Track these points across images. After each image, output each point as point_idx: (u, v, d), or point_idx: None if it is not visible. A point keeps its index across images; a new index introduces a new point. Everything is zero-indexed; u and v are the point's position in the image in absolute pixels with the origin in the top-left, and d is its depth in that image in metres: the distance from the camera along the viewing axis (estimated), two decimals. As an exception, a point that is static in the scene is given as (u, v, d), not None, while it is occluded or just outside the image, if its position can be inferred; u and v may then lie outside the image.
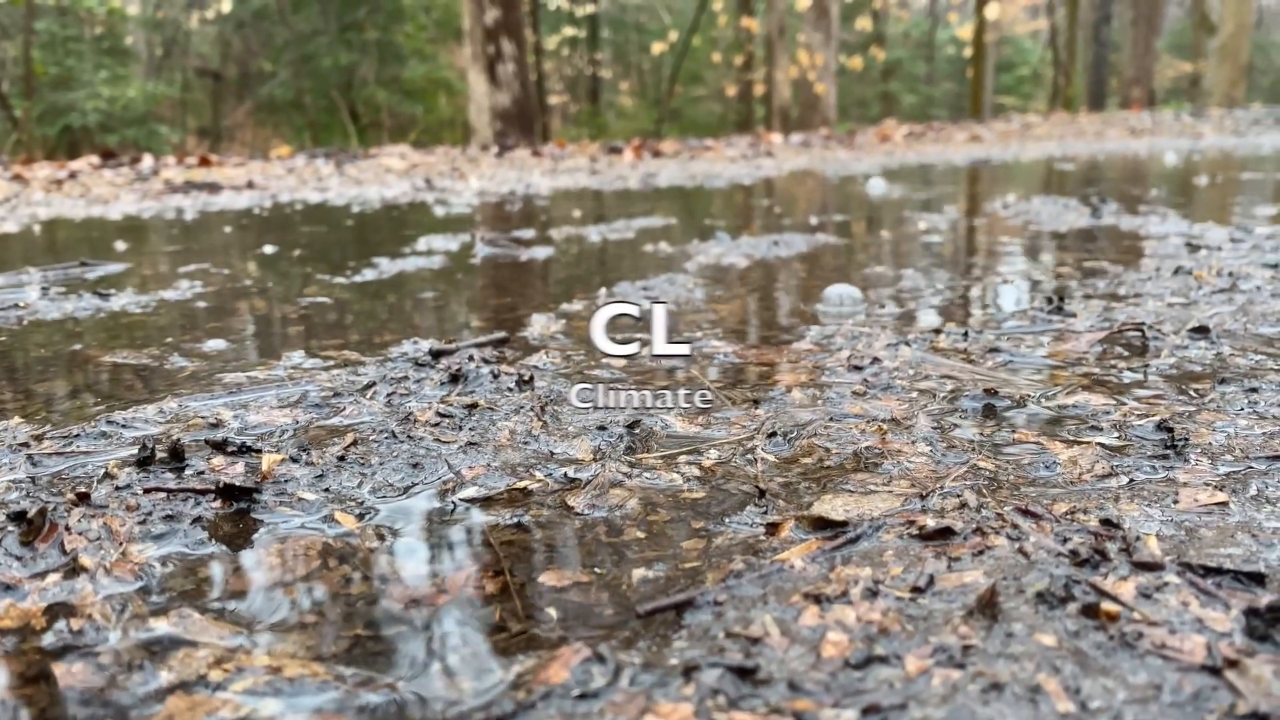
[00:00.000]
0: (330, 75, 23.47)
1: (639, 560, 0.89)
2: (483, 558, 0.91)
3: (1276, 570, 0.79)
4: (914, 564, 0.82)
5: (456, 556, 0.91)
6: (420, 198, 5.09)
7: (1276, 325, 1.68)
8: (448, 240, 3.21)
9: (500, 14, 14.60)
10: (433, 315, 2.04)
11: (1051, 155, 7.31)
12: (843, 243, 2.97)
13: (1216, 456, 1.07)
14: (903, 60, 27.76)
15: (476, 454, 1.15)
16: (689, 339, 1.74)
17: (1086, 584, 0.76)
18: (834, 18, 19.12)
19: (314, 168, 7.54)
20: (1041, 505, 0.94)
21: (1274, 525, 0.89)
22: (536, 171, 6.68)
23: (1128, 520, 0.91)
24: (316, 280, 2.53)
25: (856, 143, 9.17)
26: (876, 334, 1.68)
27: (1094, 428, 1.19)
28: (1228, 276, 2.09)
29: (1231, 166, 5.92)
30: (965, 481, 1.02)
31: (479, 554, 0.91)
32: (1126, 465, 1.06)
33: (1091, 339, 1.61)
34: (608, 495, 1.03)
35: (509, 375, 1.44)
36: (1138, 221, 3.18)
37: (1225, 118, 11.78)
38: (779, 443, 1.17)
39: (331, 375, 1.53)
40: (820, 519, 0.92)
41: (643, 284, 2.26)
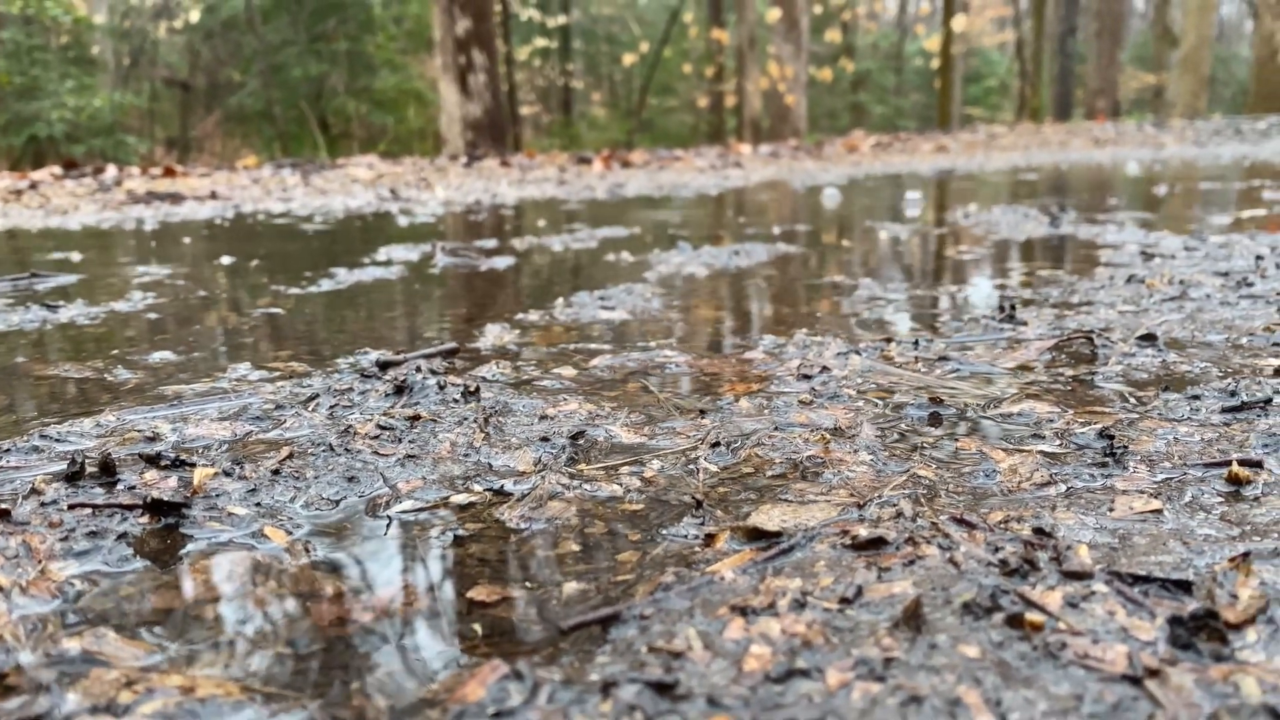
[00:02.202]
0: (300, 85, 23.37)
1: (572, 574, 0.87)
2: (412, 573, 0.89)
3: (1204, 578, 0.79)
4: (844, 574, 0.81)
5: (385, 572, 0.90)
6: (385, 208, 5.06)
7: (1223, 333, 1.70)
8: (409, 250, 3.18)
9: (471, 25, 14.60)
10: (386, 326, 2.02)
11: (1016, 165, 7.38)
12: (803, 252, 2.97)
13: (1155, 464, 1.08)
14: (872, 72, 28.00)
15: (415, 467, 1.13)
16: (643, 348, 1.74)
17: (1014, 594, 0.75)
18: (804, 30, 19.26)
19: (280, 178, 7.48)
20: (977, 514, 0.94)
21: (1206, 532, 0.89)
22: (504, 181, 6.66)
23: (1062, 529, 0.90)
24: (271, 291, 2.50)
25: (824, 153, 9.22)
26: (828, 343, 1.68)
27: (1036, 436, 1.19)
28: (1179, 285, 2.11)
29: (1191, 176, 6.01)
30: (903, 490, 1.02)
31: (408, 569, 0.90)
32: (1066, 473, 1.06)
33: (1040, 347, 1.62)
34: (545, 508, 1.02)
35: (455, 386, 1.42)
36: (1095, 230, 3.21)
37: (1187, 128, 11.95)
38: (722, 452, 1.16)
39: (276, 387, 1.51)
40: (755, 530, 0.91)
41: (601, 294, 2.25)
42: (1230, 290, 2.06)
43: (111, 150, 20.75)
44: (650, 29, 26.83)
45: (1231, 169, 6.54)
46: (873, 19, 29.06)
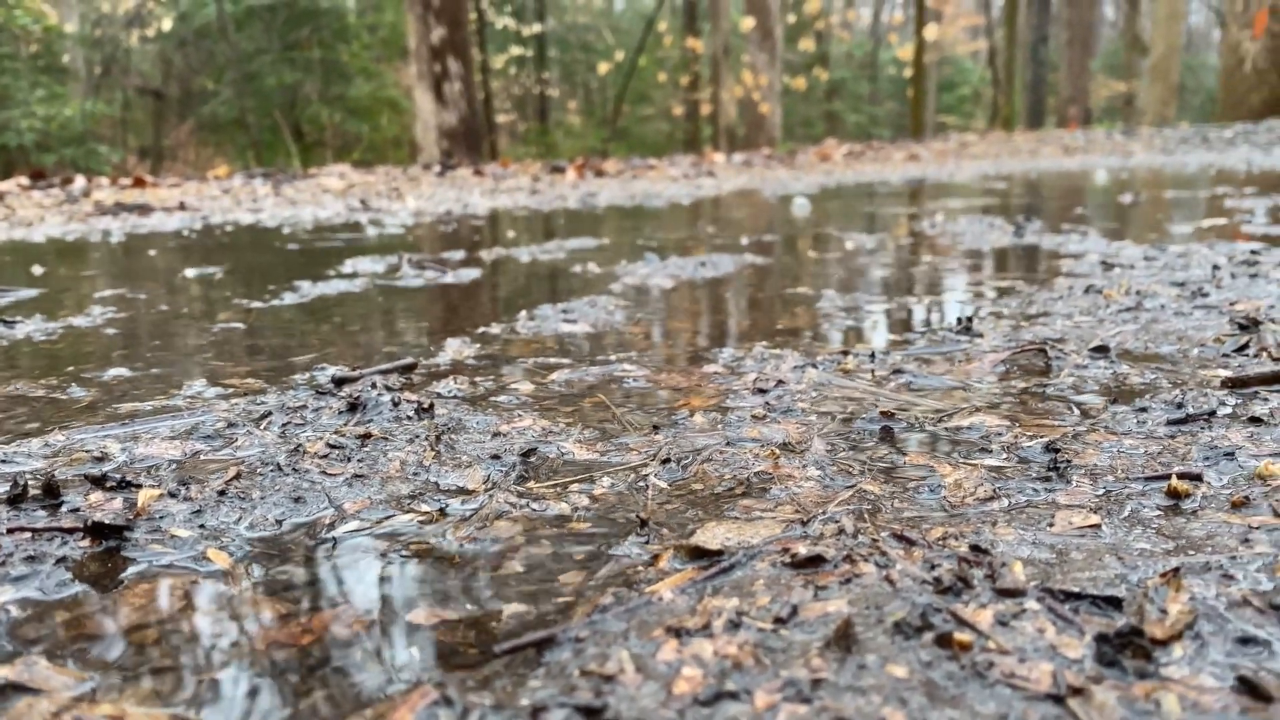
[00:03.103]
0: (274, 94, 23.26)
1: (514, 595, 0.87)
2: (353, 596, 0.89)
3: (1136, 594, 0.80)
4: (782, 593, 0.81)
5: (327, 594, 0.89)
6: (354, 218, 5.04)
7: (1175, 344, 1.72)
8: (375, 262, 3.17)
9: (446, 33, 14.59)
10: (347, 340, 2.01)
11: (986, 174, 7.45)
12: (769, 263, 2.98)
13: (1098, 478, 1.09)
14: (846, 80, 28.18)
15: (362, 487, 1.12)
16: (603, 362, 1.74)
17: (947, 612, 0.76)
18: (778, 39, 19.39)
19: (250, 188, 7.43)
20: (919, 530, 0.95)
21: (1142, 547, 0.90)
22: (476, 191, 6.65)
23: (1002, 545, 0.91)
24: (233, 305, 2.49)
25: (797, 162, 9.26)
26: (785, 356, 1.69)
27: (984, 450, 1.20)
28: (1135, 295, 2.14)
29: (1157, 185, 6.08)
30: (848, 506, 1.02)
31: (350, 592, 0.89)
32: (1010, 488, 1.07)
33: (995, 359, 1.63)
34: (491, 527, 1.02)
35: (410, 403, 1.42)
36: (1059, 240, 3.24)
37: (1155, 136, 12.11)
38: (673, 469, 1.16)
39: (231, 404, 1.50)
40: (697, 548, 0.91)
41: (564, 307, 2.25)
42: (1185, 300, 2.09)
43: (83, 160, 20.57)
44: (626, 37, 26.90)
45: (1197, 177, 6.62)
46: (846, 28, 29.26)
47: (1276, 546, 0.89)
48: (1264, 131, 11.61)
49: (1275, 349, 1.60)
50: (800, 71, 24.26)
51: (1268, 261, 2.56)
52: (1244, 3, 17.56)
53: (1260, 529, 0.93)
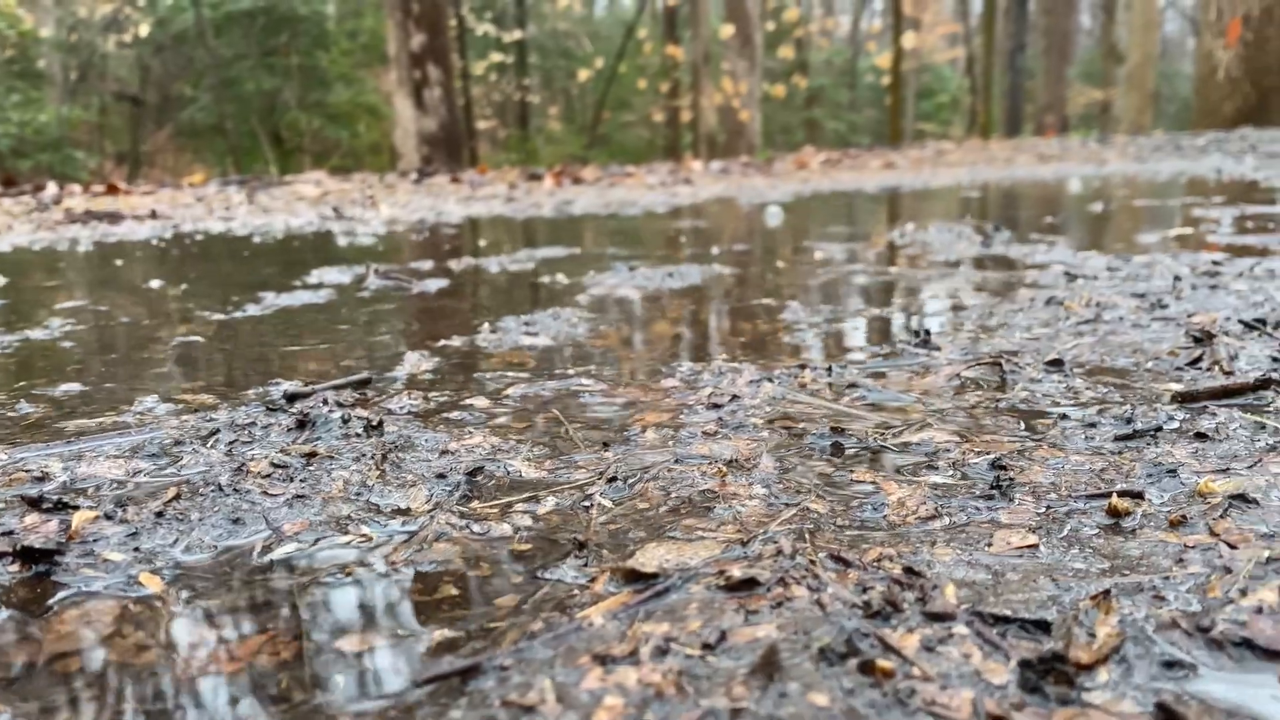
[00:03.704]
0: (253, 100, 23.16)
1: (447, 620, 0.86)
2: (283, 621, 0.87)
3: (1066, 616, 0.80)
4: (713, 618, 0.81)
5: (256, 620, 0.88)
6: (327, 227, 5.01)
7: (1131, 356, 1.73)
8: (342, 272, 3.16)
9: (426, 39, 14.56)
10: (305, 354, 2.00)
11: (960, 182, 7.49)
12: (738, 273, 2.99)
13: (1041, 495, 1.09)
14: (826, 87, 28.32)
15: (303, 507, 1.11)
16: (561, 376, 1.73)
17: (874, 637, 0.76)
18: (757, 45, 19.45)
19: (225, 196, 7.38)
20: (857, 551, 0.94)
21: (1078, 567, 0.90)
22: (452, 199, 6.63)
23: (938, 566, 0.91)
24: (195, 317, 2.47)
25: (774, 170, 9.29)
26: (743, 370, 1.68)
27: (931, 466, 1.20)
28: (1095, 307, 2.15)
29: (1128, 193, 6.13)
30: (790, 526, 1.02)
31: (279, 616, 0.88)
32: (952, 506, 1.07)
33: (950, 373, 1.63)
34: (430, 550, 1.01)
35: (360, 420, 1.40)
36: (1026, 250, 3.26)
37: (1129, 144, 12.22)
38: (619, 488, 1.16)
39: (181, 421, 1.48)
40: (633, 572, 0.90)
41: (527, 319, 2.24)
42: (1145, 312, 2.10)
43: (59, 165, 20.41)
44: (606, 44, 26.93)
45: (1168, 185, 6.68)
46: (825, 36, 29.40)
47: (1209, 566, 0.89)
48: (1236, 140, 11.73)
49: (1227, 362, 1.61)
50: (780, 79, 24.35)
51: (1228, 272, 2.58)
52: (1217, 12, 17.75)
53: (1195, 548, 0.93)
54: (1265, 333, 1.82)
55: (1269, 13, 17.10)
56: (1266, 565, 0.88)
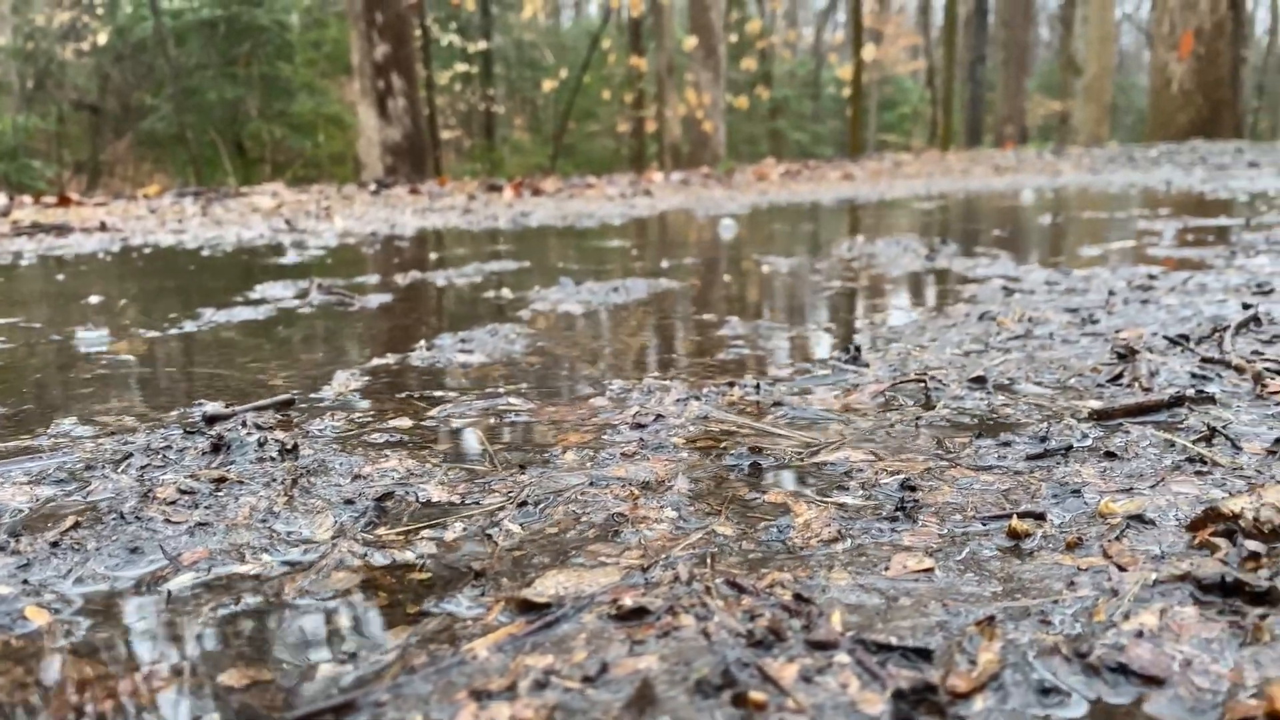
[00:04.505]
0: (215, 109, 22.94)
1: (335, 654, 0.85)
2: (169, 654, 0.86)
3: (950, 643, 0.80)
4: (599, 649, 0.80)
5: (142, 653, 0.86)
6: (278, 239, 4.96)
7: (1056, 372, 1.75)
8: (286, 288, 3.12)
9: (390, 49, 14.50)
10: (235, 373, 1.97)
11: (916, 194, 7.56)
12: (683, 288, 2.99)
13: (946, 517, 1.09)
14: (789, 99, 28.53)
15: (205, 535, 1.09)
16: (491, 394, 1.72)
17: (754, 667, 0.76)
18: (721, 57, 19.55)
19: (179, 208, 7.30)
20: (756, 575, 0.94)
21: (971, 591, 0.91)
22: (409, 211, 6.59)
23: (832, 590, 0.91)
24: (129, 334, 2.43)
25: (734, 181, 9.33)
26: (671, 388, 1.68)
27: (842, 487, 1.20)
28: (1027, 322, 2.17)
29: (1079, 205, 6.22)
30: (694, 550, 1.02)
31: (166, 650, 0.87)
32: (856, 528, 1.07)
33: (874, 390, 1.64)
34: (330, 579, 0.99)
35: (276, 443, 1.39)
36: (969, 264, 3.29)
37: (1084, 156, 12.40)
38: (529, 512, 1.15)
39: (97, 445, 1.46)
40: (525, 601, 0.90)
41: (464, 335, 2.22)
42: (1075, 327, 2.13)
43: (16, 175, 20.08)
44: (572, 55, 26.96)
45: (1118, 198, 6.79)
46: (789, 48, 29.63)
47: (1098, 589, 0.90)
48: (1187, 151, 11.95)
49: (1146, 379, 1.63)
50: (744, 90, 24.50)
51: (1162, 287, 2.63)
52: (1170, 26, 18.10)
53: (1087, 571, 0.94)
54: (1187, 348, 1.85)
55: (1220, 27, 17.46)
56: (1153, 588, 0.89)
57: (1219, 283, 2.69)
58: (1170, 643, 0.80)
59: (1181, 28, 17.68)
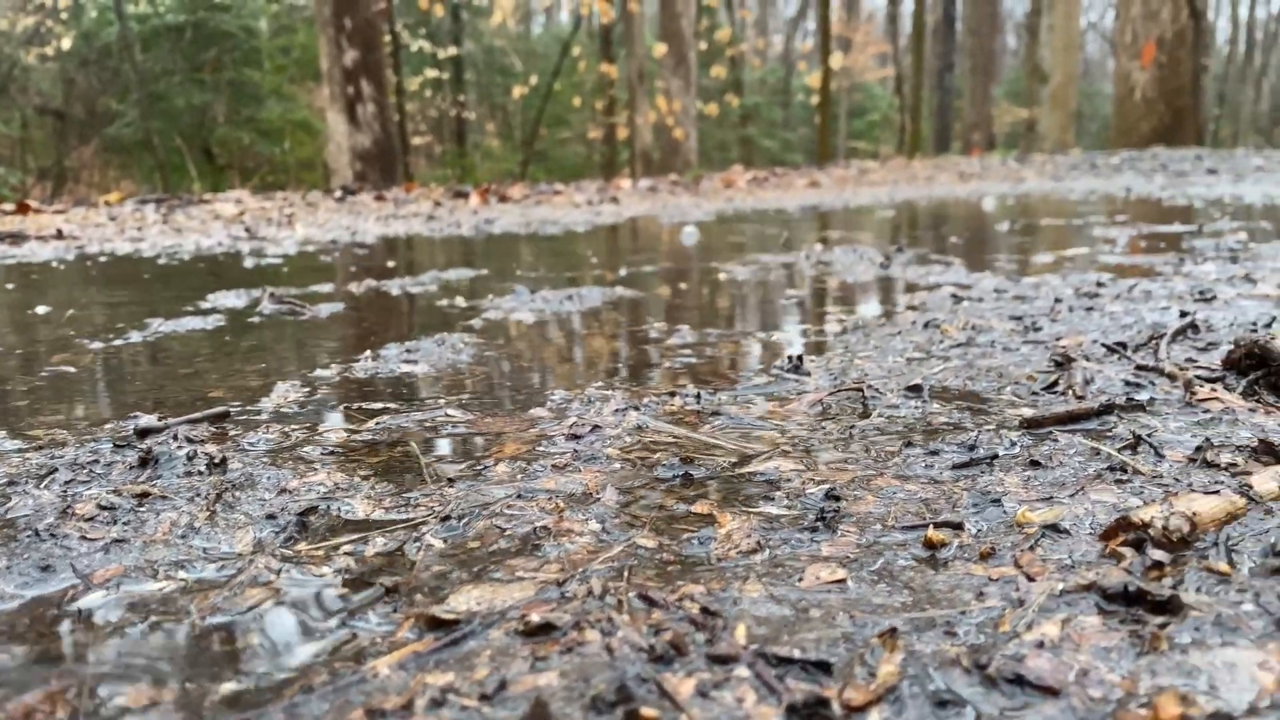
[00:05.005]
0: (182, 115, 22.73)
1: (240, 672, 0.84)
2: (68, 676, 0.85)
3: (852, 655, 0.81)
4: (501, 666, 0.80)
5: (42, 675, 0.85)
6: (237, 248, 4.92)
7: (993, 380, 1.76)
8: (238, 297, 3.10)
9: (359, 55, 14.43)
10: (176, 385, 1.95)
11: (880, 201, 7.62)
12: (638, 296, 2.99)
13: (866, 527, 1.10)
14: (760, 106, 28.66)
15: (120, 552, 1.08)
16: (431, 406, 1.71)
17: (652, 683, 0.76)
18: (692, 64, 19.61)
19: (140, 215, 7.22)
20: (670, 588, 0.94)
21: (881, 602, 0.91)
22: (372, 218, 6.56)
23: (744, 603, 0.91)
24: (73, 345, 2.40)
25: (702, 189, 9.36)
26: (612, 398, 1.68)
27: (768, 497, 1.21)
28: (971, 330, 2.19)
29: (1038, 212, 6.28)
30: (613, 564, 1.01)
31: (67, 672, 0.85)
32: (777, 539, 1.07)
33: (813, 400, 1.65)
34: (243, 596, 0.98)
35: (205, 457, 1.37)
36: (922, 271, 3.32)
37: (1047, 163, 12.55)
38: (453, 526, 1.14)
39: (24, 459, 1.44)
40: (433, 618, 0.89)
41: (410, 345, 2.21)
42: (1018, 335, 2.15)
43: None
44: (543, 61, 26.95)
45: (1077, 204, 6.87)
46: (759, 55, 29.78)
47: (1005, 600, 0.91)
48: (1148, 159, 12.12)
49: (1080, 387, 1.65)
50: (715, 97, 24.58)
51: (1108, 294, 2.66)
52: (1132, 35, 18.35)
53: (998, 581, 0.95)
54: (1125, 356, 1.87)
55: (1181, 36, 17.74)
56: (1059, 598, 0.90)
57: (1165, 290, 2.72)
58: (1070, 653, 0.81)
59: (1144, 37, 17.94)
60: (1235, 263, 3.33)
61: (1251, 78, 37.56)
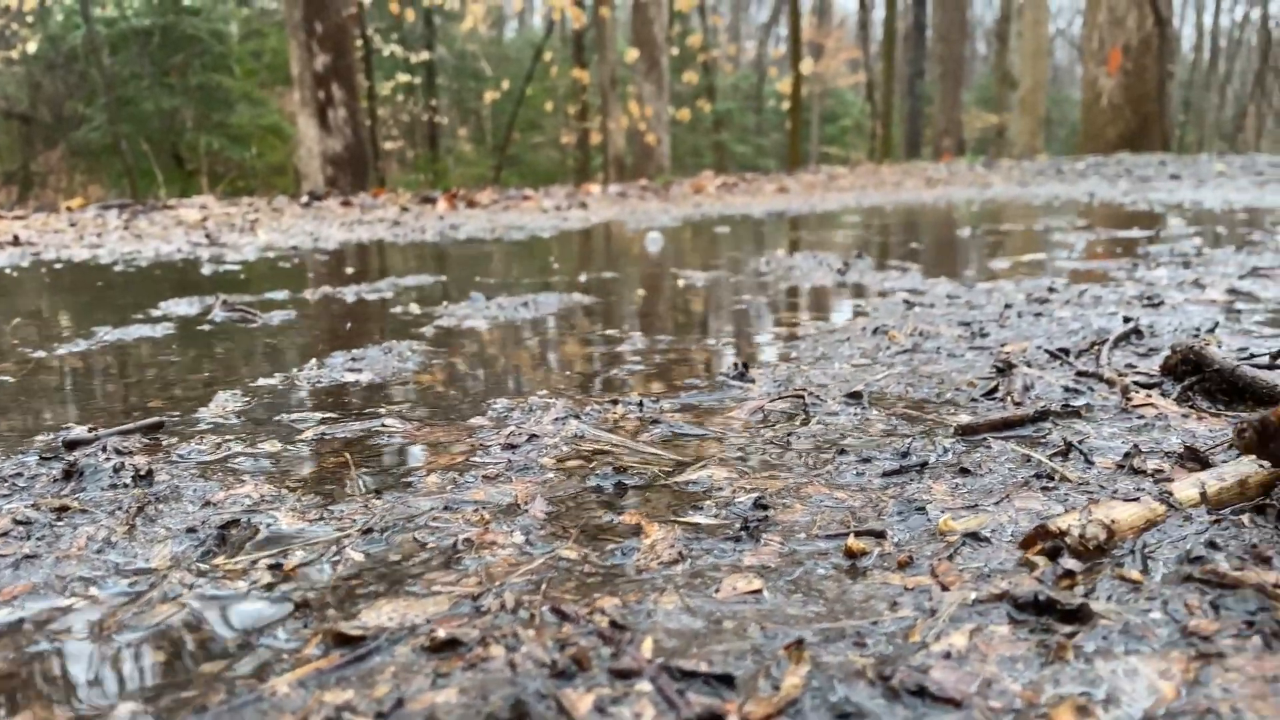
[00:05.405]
0: (152, 120, 22.52)
1: (140, 692, 0.82)
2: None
3: (765, 666, 0.80)
4: (402, 683, 0.79)
5: (-67, 698, 0.83)
6: (197, 254, 4.87)
7: (934, 387, 1.77)
8: (191, 304, 3.06)
9: (330, 60, 14.35)
10: (117, 394, 1.92)
11: (846, 206, 7.65)
12: (595, 302, 2.98)
13: (790, 536, 1.10)
14: (733, 112, 28.76)
15: (30, 569, 1.06)
16: (370, 415, 1.69)
17: (552, 699, 0.75)
18: (664, 69, 19.64)
19: (102, 221, 7.13)
20: (583, 602, 0.93)
21: (795, 613, 0.91)
22: (337, 223, 6.51)
23: (658, 615, 0.91)
24: (15, 354, 2.36)
25: (671, 194, 9.37)
26: (554, 406, 1.67)
27: (697, 506, 1.20)
28: (918, 336, 2.20)
29: (1000, 217, 6.33)
30: (533, 577, 1.00)
31: (-41, 694, 0.83)
32: (700, 549, 1.07)
33: (754, 407, 1.65)
34: (152, 612, 0.97)
35: (131, 469, 1.35)
36: (879, 277, 3.33)
37: (1014, 168, 12.66)
38: (375, 539, 1.13)
39: (-53, 473, 1.41)
40: (340, 634, 0.88)
41: (356, 354, 2.19)
42: (965, 341, 2.16)
43: (-59, 186, 19.52)
44: (516, 66, 26.91)
45: (1040, 210, 6.93)
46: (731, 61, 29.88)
47: (918, 610, 0.91)
48: (1113, 164, 12.26)
49: (1019, 393, 1.66)
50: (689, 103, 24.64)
51: (1058, 299, 2.68)
52: (1099, 42, 18.57)
53: (913, 590, 0.95)
54: (1067, 362, 1.88)
55: (1146, 43, 17.97)
56: (971, 607, 0.90)
57: (1115, 295, 2.75)
58: (976, 663, 0.81)
59: (1110, 44, 18.16)
60: (1187, 268, 3.36)
61: (1216, 84, 38.12)
